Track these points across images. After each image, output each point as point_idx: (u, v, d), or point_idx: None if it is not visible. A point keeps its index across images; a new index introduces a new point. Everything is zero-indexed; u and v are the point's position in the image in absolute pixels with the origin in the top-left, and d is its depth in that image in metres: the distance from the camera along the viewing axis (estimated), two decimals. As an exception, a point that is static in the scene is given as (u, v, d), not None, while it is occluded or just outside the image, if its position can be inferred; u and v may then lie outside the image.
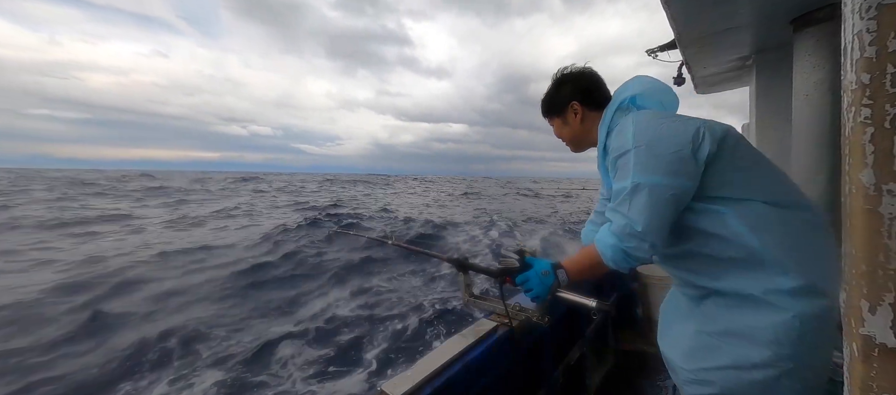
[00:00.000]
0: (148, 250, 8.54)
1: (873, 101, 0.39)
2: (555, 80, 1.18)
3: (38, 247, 8.88)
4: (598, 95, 1.13)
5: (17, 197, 20.44)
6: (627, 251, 0.90)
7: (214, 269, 7.18)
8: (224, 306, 5.54)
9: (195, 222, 13.06)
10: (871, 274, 0.40)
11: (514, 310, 1.41)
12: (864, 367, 0.41)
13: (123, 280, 6.46)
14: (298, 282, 6.66)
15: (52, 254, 8.27)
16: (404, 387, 1.04)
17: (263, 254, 8.34)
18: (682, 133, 0.89)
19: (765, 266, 0.87)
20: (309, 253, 8.30)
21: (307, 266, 7.55)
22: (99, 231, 11.05)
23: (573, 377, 1.87)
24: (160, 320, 5.03)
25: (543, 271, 1.02)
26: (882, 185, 0.39)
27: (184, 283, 6.41)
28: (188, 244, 9.09)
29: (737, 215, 0.88)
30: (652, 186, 0.88)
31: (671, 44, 3.31)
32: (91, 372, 3.88)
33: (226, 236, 10.33)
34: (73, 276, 6.65)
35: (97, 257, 7.86)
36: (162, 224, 12.59)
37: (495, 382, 1.31)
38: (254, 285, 6.42)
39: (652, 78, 1.08)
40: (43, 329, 4.70)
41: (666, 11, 2.06)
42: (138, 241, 9.71)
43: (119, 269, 7.02)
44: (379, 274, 6.99)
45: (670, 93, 1.09)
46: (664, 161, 0.88)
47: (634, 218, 0.88)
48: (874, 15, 0.38)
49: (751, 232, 0.87)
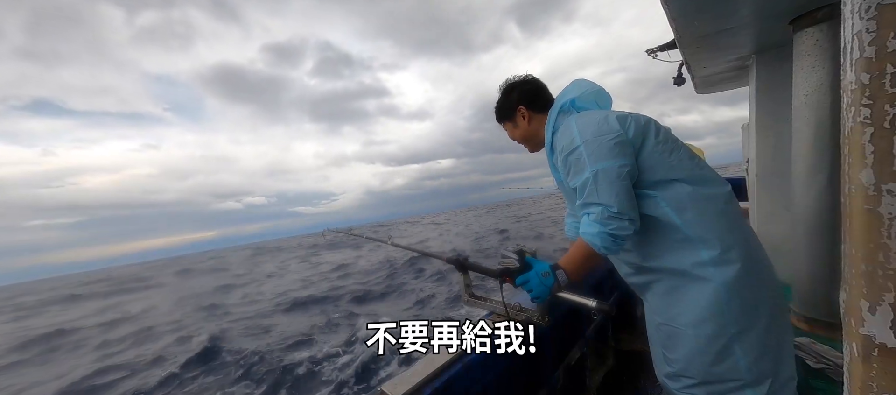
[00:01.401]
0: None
1: (873, 101, 0.39)
2: (502, 88, 1.33)
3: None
4: (542, 99, 1.28)
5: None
6: (612, 233, 0.98)
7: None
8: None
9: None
10: (870, 274, 0.40)
11: (514, 310, 1.41)
12: (864, 367, 0.41)
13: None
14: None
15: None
16: (404, 387, 1.04)
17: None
18: (614, 122, 1.05)
19: (690, 242, 0.99)
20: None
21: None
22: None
23: (573, 377, 1.87)
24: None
25: (543, 273, 1.03)
26: (882, 185, 0.39)
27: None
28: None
29: (664, 197, 1.01)
30: (607, 170, 0.99)
31: (671, 44, 3.31)
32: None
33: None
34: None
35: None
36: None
37: (495, 382, 1.31)
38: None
39: (588, 81, 1.23)
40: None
41: (666, 11, 2.06)
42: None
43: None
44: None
45: (603, 93, 1.23)
46: (607, 148, 1.01)
47: (607, 201, 0.98)
48: (874, 15, 0.38)
49: (674, 211, 1.00)
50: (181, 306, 13.30)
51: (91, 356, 8.77)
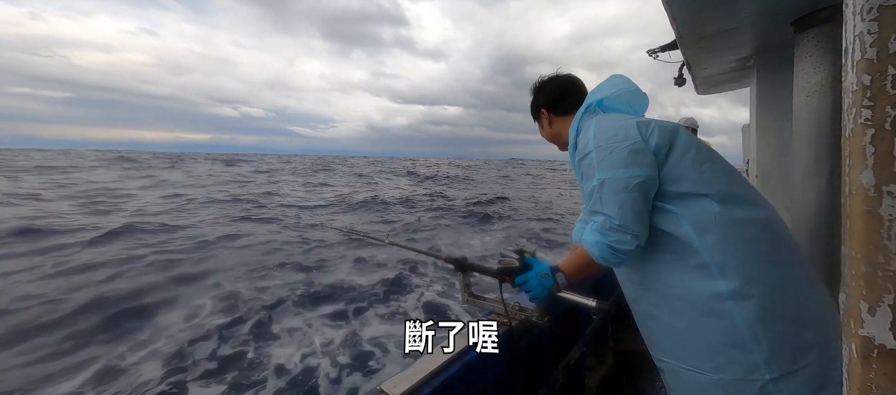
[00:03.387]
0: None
1: (874, 102, 0.39)
2: (532, 88, 1.31)
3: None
4: (565, 102, 1.23)
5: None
6: (612, 246, 0.92)
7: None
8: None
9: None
10: (870, 275, 0.40)
11: (514, 310, 1.41)
12: (864, 368, 0.41)
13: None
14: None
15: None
16: (403, 387, 1.04)
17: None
18: (632, 129, 0.96)
19: (707, 269, 0.88)
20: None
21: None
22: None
23: (573, 377, 1.87)
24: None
25: (543, 274, 1.03)
26: (882, 186, 0.39)
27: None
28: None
29: (686, 215, 0.91)
30: (616, 179, 0.93)
31: (672, 44, 3.31)
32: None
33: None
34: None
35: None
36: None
37: (495, 382, 1.32)
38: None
39: (625, 79, 1.14)
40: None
41: (667, 11, 2.06)
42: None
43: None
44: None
45: (638, 94, 1.14)
46: (621, 155, 0.94)
47: (610, 212, 0.92)
48: (875, 16, 0.38)
49: (696, 231, 0.90)
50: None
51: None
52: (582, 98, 1.19)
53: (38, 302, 4.80)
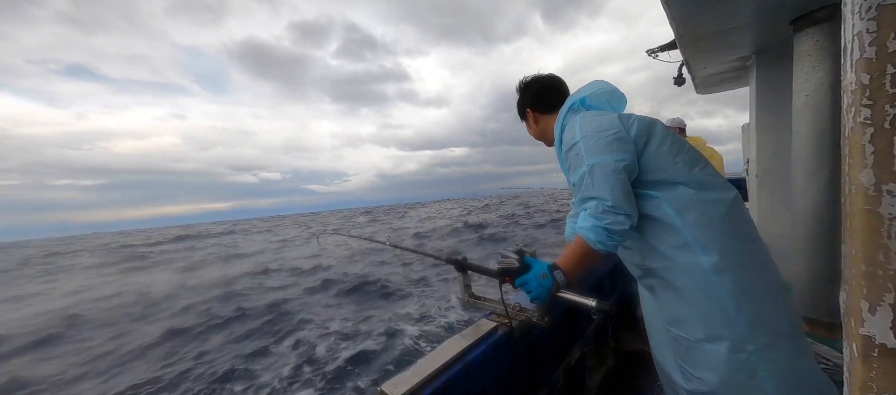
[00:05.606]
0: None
1: (873, 101, 0.39)
2: (517, 88, 1.39)
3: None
4: (549, 100, 1.31)
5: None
6: (607, 228, 0.97)
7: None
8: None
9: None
10: (870, 274, 0.40)
11: (514, 310, 1.41)
12: (864, 367, 0.41)
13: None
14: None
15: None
16: (404, 387, 1.04)
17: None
18: (615, 120, 1.08)
19: (690, 247, 0.98)
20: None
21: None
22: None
23: (573, 377, 1.87)
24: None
25: (541, 274, 1.03)
26: (882, 185, 0.39)
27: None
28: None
29: (666, 198, 1.02)
30: (603, 164, 1.01)
31: (671, 44, 3.31)
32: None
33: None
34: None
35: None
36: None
37: (495, 382, 1.31)
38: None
39: (604, 82, 1.26)
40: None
41: (666, 11, 2.06)
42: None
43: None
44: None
45: (618, 94, 1.25)
46: (605, 143, 1.03)
47: (601, 194, 0.99)
48: (874, 15, 0.38)
49: (676, 213, 1.00)
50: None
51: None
52: (565, 97, 1.29)
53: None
